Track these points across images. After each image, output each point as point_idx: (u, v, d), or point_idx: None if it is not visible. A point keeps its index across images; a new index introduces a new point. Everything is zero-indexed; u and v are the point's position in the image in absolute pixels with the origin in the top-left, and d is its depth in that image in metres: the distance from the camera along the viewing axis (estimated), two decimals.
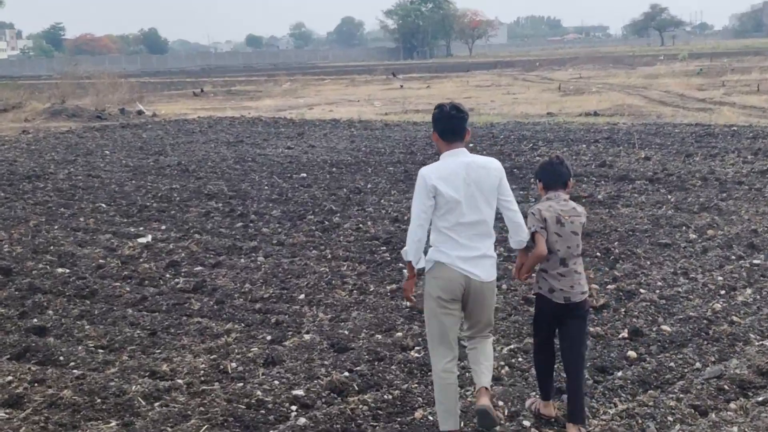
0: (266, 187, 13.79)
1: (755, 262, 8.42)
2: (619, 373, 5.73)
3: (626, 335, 6.42)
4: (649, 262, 8.52)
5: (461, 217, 4.64)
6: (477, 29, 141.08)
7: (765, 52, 65.44)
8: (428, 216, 4.66)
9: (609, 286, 7.69)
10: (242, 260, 9.11)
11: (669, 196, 11.89)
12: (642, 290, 7.56)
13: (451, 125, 4.74)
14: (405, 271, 4.89)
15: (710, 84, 34.76)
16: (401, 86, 45.24)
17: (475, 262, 4.69)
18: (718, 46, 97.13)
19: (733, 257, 8.62)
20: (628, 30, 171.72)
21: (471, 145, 17.04)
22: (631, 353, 6.05)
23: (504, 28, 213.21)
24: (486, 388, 4.96)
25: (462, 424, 4.97)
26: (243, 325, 6.98)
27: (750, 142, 17.15)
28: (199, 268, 8.88)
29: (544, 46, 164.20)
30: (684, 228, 9.94)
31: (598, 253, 8.90)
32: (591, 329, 6.50)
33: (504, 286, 7.71)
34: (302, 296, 7.74)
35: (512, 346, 6.28)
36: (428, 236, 4.77)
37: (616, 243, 9.30)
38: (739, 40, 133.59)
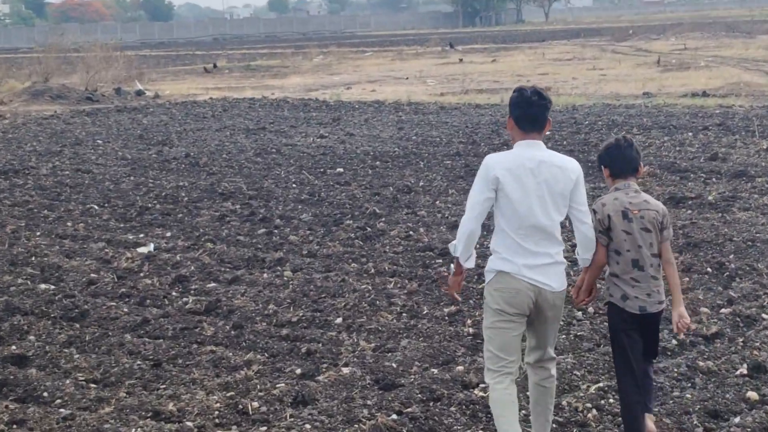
0: (294, 185, 13.88)
1: None
2: (737, 419, 5.67)
3: (745, 371, 6.35)
4: None
5: (527, 218, 4.78)
6: None
7: None
8: (484, 209, 4.83)
9: (723, 310, 7.60)
10: (265, 275, 9.18)
11: None
12: (765, 315, 7.46)
13: (530, 113, 4.90)
14: (452, 265, 5.00)
15: None
16: (460, 60, 45.27)
17: (544, 270, 4.83)
18: None
19: None
20: None
21: (548, 133, 16.94)
22: (752, 394, 5.98)
23: None
24: None
25: None
26: (266, 355, 7.03)
27: None
28: (213, 284, 8.96)
29: (640, 9, 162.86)
30: None
31: (709, 269, 8.80)
32: (701, 363, 6.45)
33: (590, 309, 7.66)
34: (339, 320, 7.78)
35: (601, 384, 6.25)
36: (480, 233, 4.90)
37: (731, 256, 9.19)
38: None
